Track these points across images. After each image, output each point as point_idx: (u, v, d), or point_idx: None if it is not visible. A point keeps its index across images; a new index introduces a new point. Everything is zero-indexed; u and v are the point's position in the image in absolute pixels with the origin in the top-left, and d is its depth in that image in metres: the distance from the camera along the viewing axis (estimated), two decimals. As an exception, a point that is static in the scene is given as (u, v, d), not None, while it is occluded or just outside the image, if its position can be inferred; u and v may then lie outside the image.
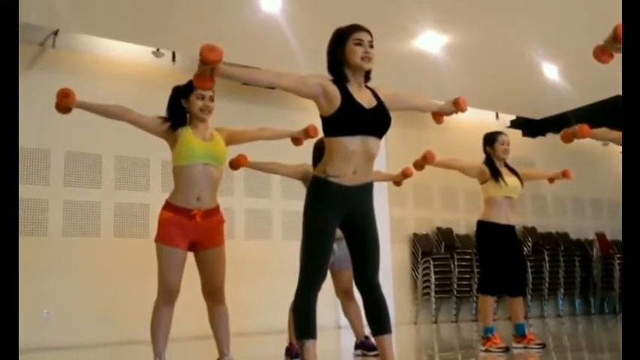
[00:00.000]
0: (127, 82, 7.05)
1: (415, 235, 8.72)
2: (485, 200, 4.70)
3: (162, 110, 8.04)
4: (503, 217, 4.62)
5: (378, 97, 2.85)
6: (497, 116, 9.76)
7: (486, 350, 4.45)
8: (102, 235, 6.66)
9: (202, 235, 3.32)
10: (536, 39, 6.58)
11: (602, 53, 2.67)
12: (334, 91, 2.70)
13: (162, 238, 3.27)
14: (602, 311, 9.83)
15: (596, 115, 8.83)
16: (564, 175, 4.85)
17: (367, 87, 2.86)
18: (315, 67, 7.87)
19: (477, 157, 9.71)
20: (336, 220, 2.77)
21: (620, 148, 10.54)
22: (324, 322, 6.60)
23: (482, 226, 4.67)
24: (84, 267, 6.42)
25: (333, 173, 2.72)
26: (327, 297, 4.47)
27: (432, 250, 8.67)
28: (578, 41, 6.65)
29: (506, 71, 7.42)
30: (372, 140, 2.74)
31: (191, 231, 3.29)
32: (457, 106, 3.20)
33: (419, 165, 4.23)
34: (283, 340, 4.37)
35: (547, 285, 9.19)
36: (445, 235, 8.71)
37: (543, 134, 10.01)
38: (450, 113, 3.25)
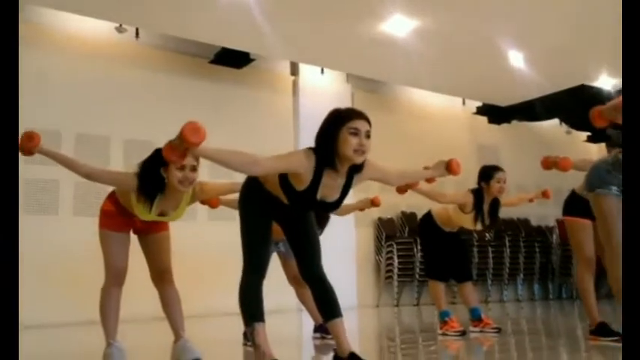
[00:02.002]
0: (90, 58, 6.86)
1: (380, 219, 8.76)
2: (450, 215, 4.65)
3: (125, 88, 7.87)
4: (449, 229, 4.75)
5: (352, 181, 2.74)
6: (463, 102, 9.83)
7: (443, 334, 4.51)
8: (60, 213, 6.52)
9: (145, 225, 3.35)
10: (503, 26, 6.60)
11: (599, 117, 2.67)
12: (306, 178, 2.61)
13: (105, 225, 3.29)
14: (560, 296, 10.05)
15: (560, 103, 8.96)
16: (544, 195, 4.85)
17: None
18: (284, 51, 7.77)
19: (441, 141, 9.76)
20: (270, 215, 2.83)
21: (583, 136, 10.61)
22: (285, 306, 6.61)
23: (429, 221, 4.77)
24: (42, 246, 6.28)
25: (268, 189, 2.76)
26: (287, 281, 4.48)
27: (395, 234, 8.73)
28: (544, 30, 6.71)
29: (474, 58, 7.44)
30: None
31: (134, 222, 3.31)
32: (450, 171, 3.12)
33: (402, 189, 4.23)
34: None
35: (507, 270, 9.34)
36: (409, 219, 8.77)
37: (509, 121, 10.12)
38: (441, 176, 3.19)
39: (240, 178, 2.91)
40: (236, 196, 2.97)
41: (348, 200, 2.88)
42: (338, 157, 2.62)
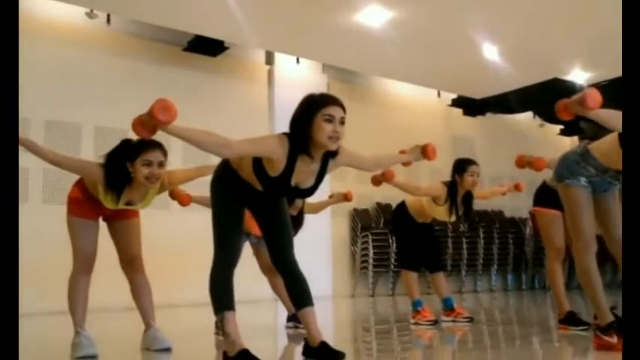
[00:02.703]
0: (60, 44, 6.72)
1: (355, 210, 8.77)
2: (423, 206, 4.65)
3: (96, 75, 7.73)
4: (423, 220, 4.75)
5: (326, 168, 2.71)
6: (438, 94, 9.86)
7: (416, 323, 4.52)
8: (29, 201, 6.40)
9: (114, 212, 3.31)
10: (478, 19, 6.62)
11: (564, 110, 2.67)
12: (279, 163, 2.57)
13: (73, 211, 3.24)
14: (533, 287, 10.19)
15: (534, 96, 9.03)
16: (517, 188, 4.87)
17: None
18: (259, 40, 7.69)
19: (416, 133, 9.79)
20: (242, 203, 2.79)
21: (557, 129, 10.74)
22: (261, 295, 6.58)
23: (402, 211, 4.77)
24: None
25: (242, 175, 2.71)
26: (260, 271, 4.46)
27: (371, 224, 8.75)
28: (518, 23, 6.75)
29: (449, 50, 7.46)
30: None
31: (102, 209, 3.26)
32: (425, 155, 3.16)
33: (377, 181, 4.20)
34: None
35: (481, 261, 9.43)
36: (385, 210, 8.79)
37: (483, 114, 10.19)
38: (417, 160, 3.23)
39: (216, 160, 2.88)
40: (208, 194, 2.91)
41: (324, 186, 2.85)
42: (312, 144, 2.59)
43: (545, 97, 8.89)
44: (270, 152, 2.56)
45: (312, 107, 2.59)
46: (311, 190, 2.75)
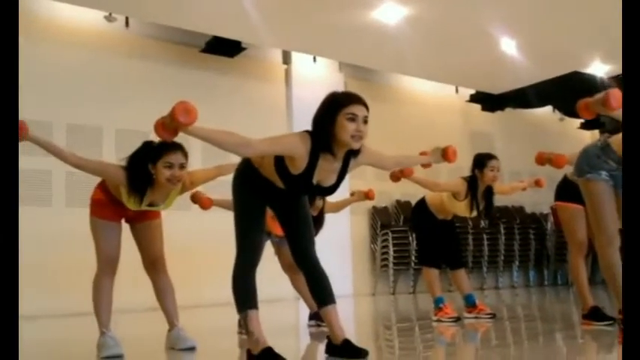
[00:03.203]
0: (79, 48, 6.80)
1: (374, 207, 8.75)
2: (443, 202, 4.63)
3: (115, 77, 7.80)
4: (443, 216, 4.72)
5: (348, 166, 2.71)
6: (456, 90, 9.81)
7: (438, 320, 4.51)
8: (53, 204, 6.49)
9: (136, 213, 3.34)
10: (495, 13, 6.58)
11: (585, 110, 2.65)
12: (301, 161, 2.57)
13: (96, 213, 3.27)
14: (556, 283, 10.09)
15: (553, 90, 8.95)
16: (537, 183, 4.82)
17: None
18: (275, 39, 7.70)
19: (434, 129, 9.75)
20: (264, 201, 2.79)
21: (577, 123, 10.62)
22: (282, 294, 6.61)
23: (422, 208, 4.75)
24: (34, 237, 6.25)
25: (263, 173, 2.72)
26: (281, 270, 4.47)
27: (390, 222, 8.73)
28: (536, 16, 6.68)
29: (466, 45, 7.41)
30: None
31: (125, 210, 3.28)
32: (445, 158, 3.14)
33: (396, 177, 4.19)
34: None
35: (502, 257, 9.36)
36: (404, 207, 8.76)
37: (502, 109, 10.11)
38: (437, 162, 3.23)
39: (235, 159, 2.90)
40: (229, 197, 2.93)
41: (343, 184, 2.86)
42: (335, 142, 2.59)
43: (565, 91, 8.80)
44: (291, 150, 2.56)
45: (335, 106, 2.59)
46: (333, 188, 2.75)
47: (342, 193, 5.00)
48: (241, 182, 2.80)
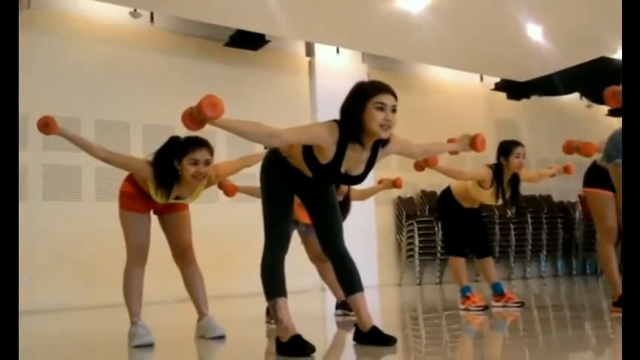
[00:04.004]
0: (104, 43, 6.89)
1: (399, 198, 8.74)
2: (469, 190, 4.59)
3: (141, 73, 7.88)
4: (469, 205, 4.69)
5: (376, 156, 2.72)
6: (481, 78, 9.72)
7: (465, 309, 4.49)
8: (83, 199, 6.60)
9: (164, 205, 3.39)
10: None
11: (613, 98, 2.61)
12: (329, 151, 2.58)
13: (125, 205, 3.33)
14: (584, 272, 9.97)
15: (580, 77, 8.81)
16: (566, 170, 4.76)
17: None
18: (298, 31, 7.69)
19: (459, 119, 9.68)
20: (292, 190, 2.82)
21: (605, 109, 10.44)
22: (308, 286, 6.65)
23: (448, 197, 4.72)
24: (65, 231, 6.37)
25: (291, 162, 2.74)
26: (308, 261, 4.50)
27: (416, 212, 8.71)
28: (562, 1, 6.58)
29: (491, 33, 7.34)
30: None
31: (153, 203, 3.33)
32: (474, 147, 3.08)
33: (420, 166, 4.17)
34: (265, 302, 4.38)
35: (530, 247, 9.28)
36: (429, 198, 8.73)
37: (528, 97, 9.99)
38: (465, 150, 3.17)
39: (259, 150, 2.92)
40: (255, 184, 2.96)
41: (369, 175, 2.87)
42: (363, 132, 2.59)
43: (592, 77, 8.67)
44: (319, 140, 2.57)
45: (363, 95, 2.59)
46: (361, 177, 2.76)
47: (368, 183, 4.99)
48: (269, 171, 2.82)
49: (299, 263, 4.45)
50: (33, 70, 6.39)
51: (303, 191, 2.87)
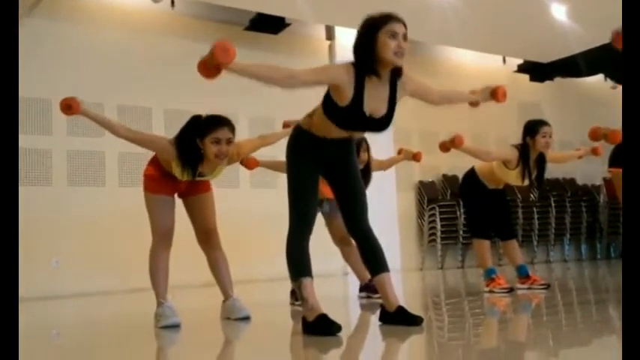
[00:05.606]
0: (125, 28, 6.93)
1: (421, 182, 8.71)
2: (494, 171, 4.51)
3: (162, 58, 7.89)
4: (494, 186, 4.63)
5: (396, 93, 2.70)
6: (504, 60, 9.60)
7: (490, 291, 4.46)
8: (107, 184, 6.67)
9: (188, 187, 3.40)
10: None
11: (619, 38, 2.57)
12: (348, 91, 2.57)
13: (149, 188, 3.34)
14: (609, 256, 9.87)
15: (605, 57, 8.64)
16: (594, 152, 4.69)
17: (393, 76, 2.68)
18: (319, 14, 7.62)
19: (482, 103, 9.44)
20: (317, 169, 2.81)
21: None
22: (331, 270, 6.66)
23: (472, 178, 4.65)
24: (89, 216, 6.45)
25: (315, 132, 2.73)
26: (332, 245, 4.50)
27: (437, 197, 8.67)
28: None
29: (513, 13, 7.23)
30: (361, 132, 2.83)
31: (177, 184, 3.35)
32: (495, 97, 3.05)
33: (445, 147, 4.11)
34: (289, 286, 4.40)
35: (553, 230, 9.20)
36: (451, 182, 8.69)
37: (551, 78, 9.85)
38: (485, 101, 3.13)
39: (279, 129, 2.87)
40: (276, 158, 2.96)
41: (390, 150, 2.85)
42: (378, 62, 2.60)
43: (617, 58, 8.49)
44: (336, 78, 2.57)
45: (374, 26, 2.61)
46: (386, 120, 2.71)
47: (388, 154, 4.93)
48: (295, 149, 2.81)
49: (320, 248, 4.46)
50: (55, 57, 6.45)
51: (328, 167, 2.84)
